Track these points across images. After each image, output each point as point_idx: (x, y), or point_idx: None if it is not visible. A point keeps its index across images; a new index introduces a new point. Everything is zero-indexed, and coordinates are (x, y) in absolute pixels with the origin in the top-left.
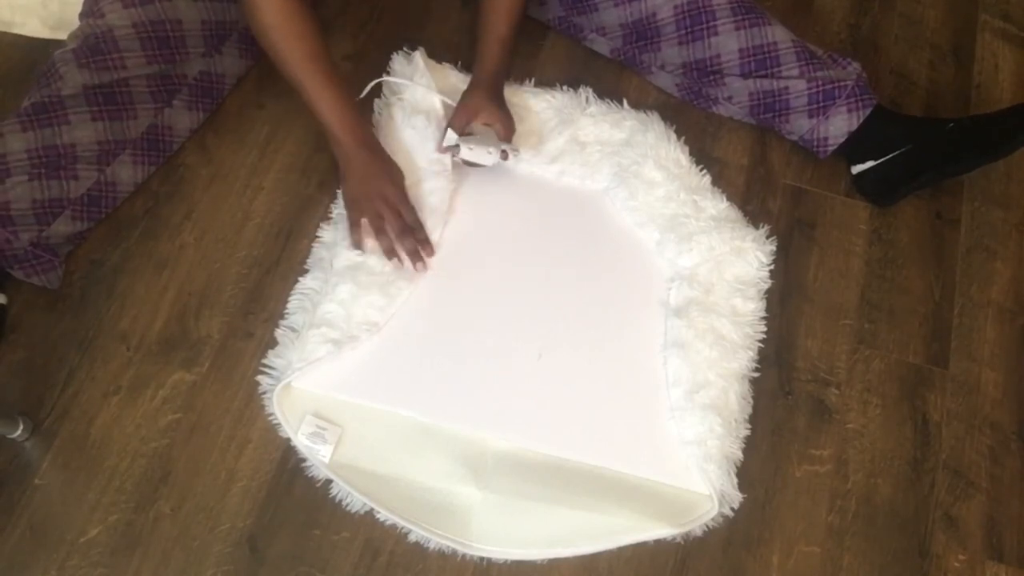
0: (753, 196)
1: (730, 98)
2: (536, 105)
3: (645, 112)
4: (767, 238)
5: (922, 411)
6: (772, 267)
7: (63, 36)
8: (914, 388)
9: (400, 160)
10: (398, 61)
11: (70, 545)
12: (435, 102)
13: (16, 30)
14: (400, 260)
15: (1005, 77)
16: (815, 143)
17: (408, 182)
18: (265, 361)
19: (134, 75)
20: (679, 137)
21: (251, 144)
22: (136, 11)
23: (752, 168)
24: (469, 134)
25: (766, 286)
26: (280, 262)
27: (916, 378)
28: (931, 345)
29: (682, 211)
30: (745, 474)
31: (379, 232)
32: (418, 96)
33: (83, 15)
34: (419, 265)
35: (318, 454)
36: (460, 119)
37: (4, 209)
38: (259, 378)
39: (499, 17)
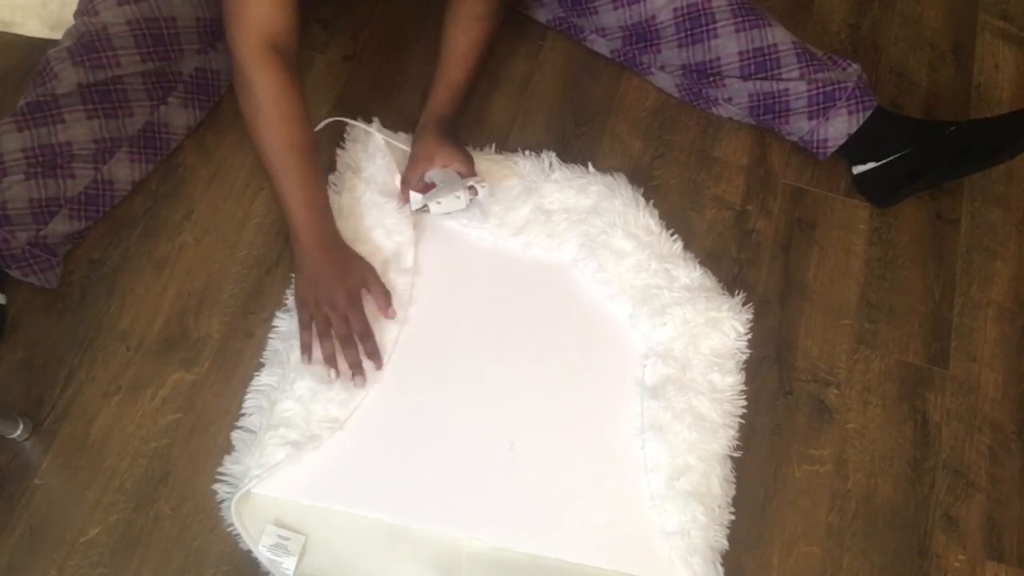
0: (753, 196)
1: (730, 99)
2: (498, 173)
3: (612, 175)
4: (743, 305)
5: (922, 411)
6: (750, 336)
7: None
8: (914, 388)
9: (365, 248)
10: (352, 136)
11: (70, 545)
12: (396, 182)
13: (16, 30)
14: (344, 370)
15: (1005, 77)
16: (815, 144)
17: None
18: (221, 468)
19: (129, 73)
20: (647, 200)
21: (251, 144)
22: (130, 8)
23: (752, 168)
24: (430, 184)
25: (744, 357)
26: (280, 262)
27: (916, 378)
28: (931, 345)
29: (654, 281)
30: (745, 474)
31: (322, 336)
32: (380, 176)
33: (77, 13)
34: (358, 380)
35: (281, 567)
36: (415, 170)
37: (1, 209)
38: (216, 487)
39: (453, 62)
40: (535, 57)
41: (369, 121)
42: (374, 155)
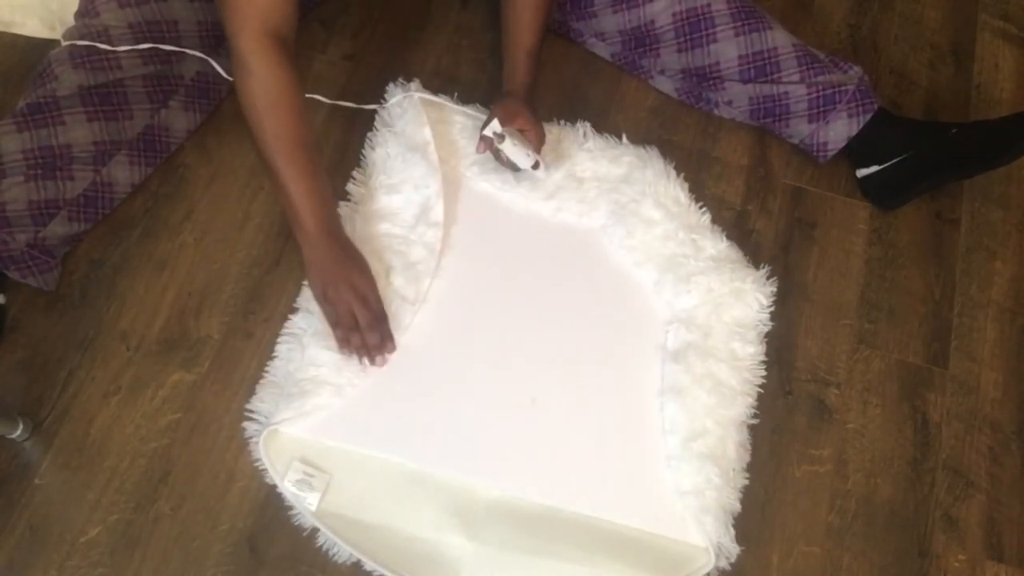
0: (753, 196)
1: (730, 102)
2: None
3: (644, 147)
4: (767, 279)
5: (922, 411)
6: (772, 309)
7: None
8: (914, 388)
9: (397, 200)
10: (393, 92)
11: (70, 545)
12: (427, 135)
13: (16, 30)
14: (368, 358)
15: (1005, 77)
16: (815, 148)
17: (398, 228)
18: (249, 406)
19: (130, 75)
20: (678, 173)
21: (251, 144)
22: (131, 11)
23: (752, 168)
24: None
25: (766, 329)
26: (280, 262)
27: (916, 378)
28: (931, 345)
29: (681, 251)
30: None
31: (351, 329)
32: (410, 131)
33: (78, 15)
34: (379, 359)
35: (305, 501)
36: (499, 118)
37: (0, 210)
38: (244, 424)
39: (525, 29)
40: None
41: (409, 80)
42: (407, 110)
